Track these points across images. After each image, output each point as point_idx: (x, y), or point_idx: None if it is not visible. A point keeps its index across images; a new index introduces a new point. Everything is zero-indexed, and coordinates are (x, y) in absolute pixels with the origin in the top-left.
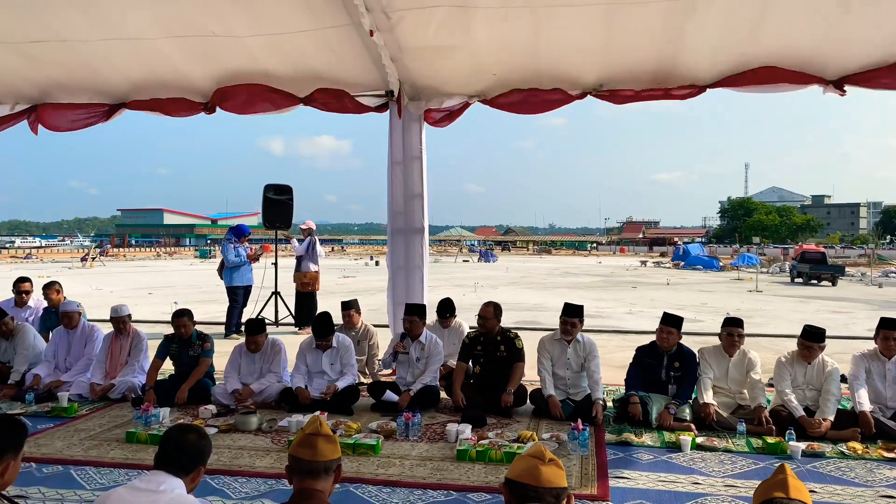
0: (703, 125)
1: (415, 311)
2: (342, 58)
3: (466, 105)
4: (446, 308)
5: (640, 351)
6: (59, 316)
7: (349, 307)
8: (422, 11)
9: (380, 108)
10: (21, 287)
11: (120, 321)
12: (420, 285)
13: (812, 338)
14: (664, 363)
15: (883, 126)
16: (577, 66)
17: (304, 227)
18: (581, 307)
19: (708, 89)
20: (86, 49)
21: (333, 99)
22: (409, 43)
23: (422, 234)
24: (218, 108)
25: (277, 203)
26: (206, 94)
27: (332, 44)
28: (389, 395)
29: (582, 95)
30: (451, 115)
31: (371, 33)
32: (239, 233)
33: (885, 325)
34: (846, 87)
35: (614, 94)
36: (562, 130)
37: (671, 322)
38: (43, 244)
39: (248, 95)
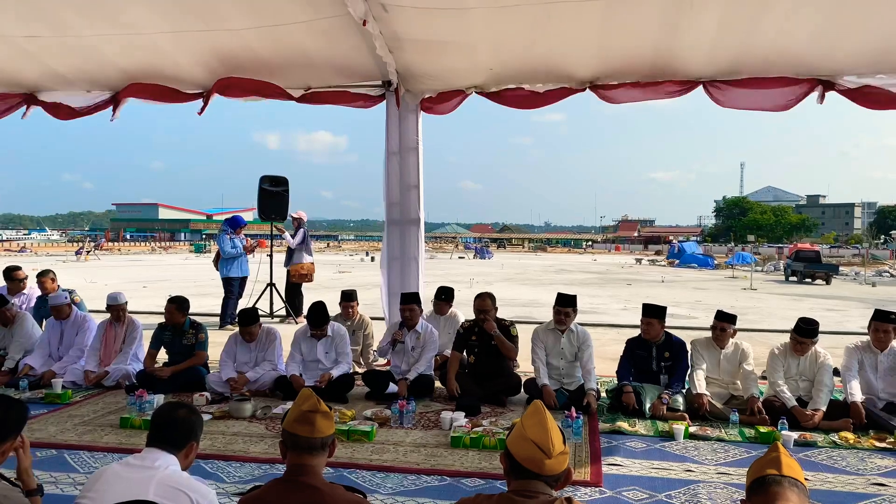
0: (700, 124)
1: (412, 300)
2: (340, 48)
3: (464, 96)
4: (443, 292)
5: (631, 343)
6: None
7: (351, 298)
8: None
9: (376, 99)
10: (15, 275)
11: (119, 309)
12: (415, 276)
13: (805, 334)
14: (654, 354)
15: (879, 127)
16: (574, 60)
17: (294, 215)
18: (574, 297)
19: (702, 85)
20: (82, 44)
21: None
22: (407, 33)
23: (417, 224)
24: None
25: (273, 194)
26: (202, 85)
27: (329, 34)
28: (392, 389)
29: (580, 89)
30: (450, 104)
31: (364, 23)
32: (234, 224)
33: (878, 317)
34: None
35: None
36: (559, 127)
37: (650, 312)
38: (3, 238)
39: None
